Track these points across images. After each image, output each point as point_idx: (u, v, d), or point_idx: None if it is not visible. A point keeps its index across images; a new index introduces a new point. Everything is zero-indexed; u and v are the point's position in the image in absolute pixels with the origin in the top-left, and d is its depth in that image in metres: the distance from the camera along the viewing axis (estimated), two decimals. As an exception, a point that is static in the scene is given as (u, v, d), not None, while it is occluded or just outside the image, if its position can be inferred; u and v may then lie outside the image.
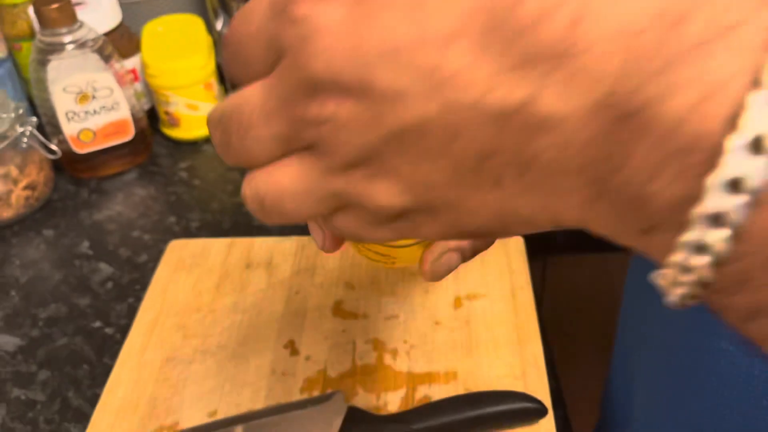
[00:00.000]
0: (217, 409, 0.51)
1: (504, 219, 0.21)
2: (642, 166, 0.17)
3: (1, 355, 0.57)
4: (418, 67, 0.19)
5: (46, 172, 0.72)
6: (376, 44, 0.19)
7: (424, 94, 0.19)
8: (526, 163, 0.19)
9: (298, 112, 0.21)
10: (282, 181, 0.23)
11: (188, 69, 0.75)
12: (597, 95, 0.17)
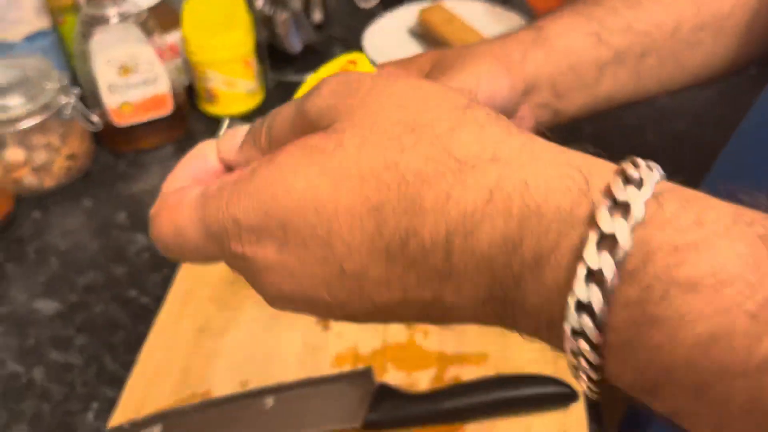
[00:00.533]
0: (249, 380, 0.51)
1: None
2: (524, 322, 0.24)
3: (41, 319, 0.59)
4: (351, 295, 0.26)
5: (86, 144, 0.74)
6: (309, 293, 0.27)
7: (362, 304, 0.26)
8: None
9: None
10: None
11: (227, 45, 0.76)
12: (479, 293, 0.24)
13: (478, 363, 0.51)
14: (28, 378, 0.54)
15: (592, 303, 0.21)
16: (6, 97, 0.67)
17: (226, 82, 0.77)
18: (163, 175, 0.78)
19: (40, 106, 0.68)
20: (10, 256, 0.65)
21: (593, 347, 0.21)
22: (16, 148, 0.69)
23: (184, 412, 0.49)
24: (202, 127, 0.80)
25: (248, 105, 0.81)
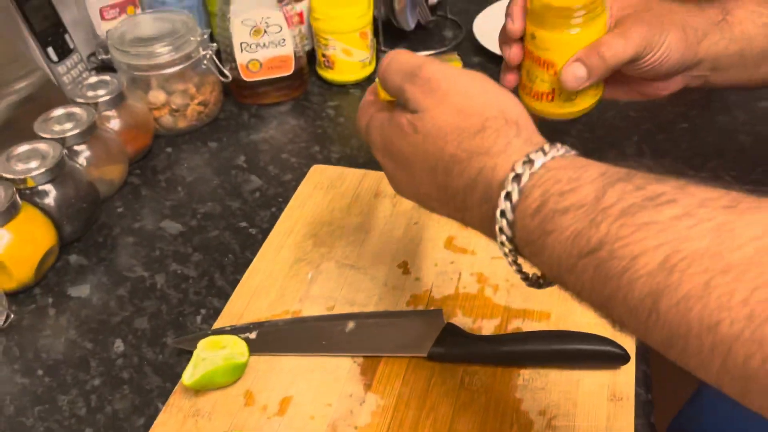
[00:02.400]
0: (335, 306, 0.58)
1: None
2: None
3: (166, 236, 0.69)
4: (428, 199, 0.44)
5: (216, 94, 0.83)
6: (407, 189, 0.45)
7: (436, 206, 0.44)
8: None
9: None
10: None
11: (349, 17, 0.83)
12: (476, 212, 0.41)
13: (540, 319, 0.56)
14: (152, 282, 0.64)
15: (505, 211, 0.37)
16: (155, 45, 0.77)
17: (344, 50, 0.85)
18: (279, 127, 0.87)
19: (182, 55, 0.78)
20: (146, 181, 0.76)
21: (512, 247, 0.38)
22: (158, 91, 0.79)
23: (277, 324, 0.57)
24: (317, 90, 0.88)
25: (361, 74, 0.88)
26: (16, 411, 0.54)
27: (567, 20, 0.51)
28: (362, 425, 0.50)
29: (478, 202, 0.39)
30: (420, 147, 0.41)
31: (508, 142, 0.39)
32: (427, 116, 0.41)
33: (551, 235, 0.34)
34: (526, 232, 0.36)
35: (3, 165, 0.63)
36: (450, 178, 0.40)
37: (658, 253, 0.30)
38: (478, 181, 0.39)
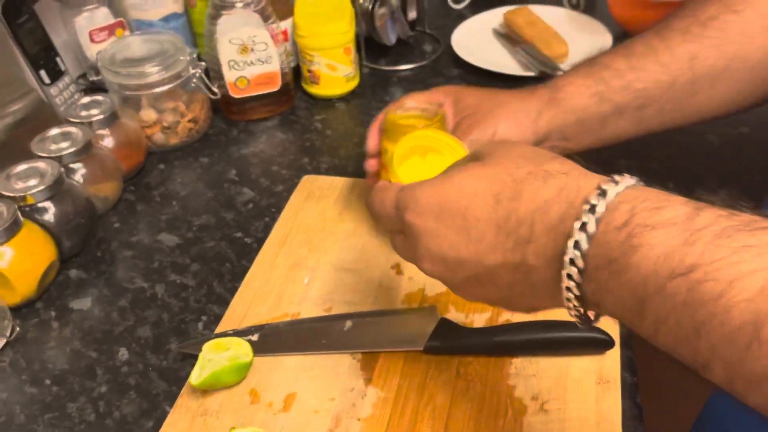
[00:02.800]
0: (332, 307, 0.61)
1: (534, 308, 0.42)
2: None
3: (163, 248, 0.71)
4: (469, 257, 0.40)
5: (206, 111, 0.86)
6: (446, 253, 0.41)
7: (475, 266, 0.40)
8: (530, 287, 0.39)
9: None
10: None
11: (332, 33, 0.86)
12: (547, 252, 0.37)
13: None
14: (152, 292, 0.66)
15: (587, 224, 0.34)
16: (145, 65, 0.79)
17: (328, 65, 0.88)
18: (268, 141, 0.90)
19: (172, 75, 0.80)
20: (140, 197, 0.78)
21: (580, 271, 0.35)
22: (149, 110, 0.81)
23: (277, 326, 0.59)
24: (303, 105, 0.91)
25: (345, 88, 0.91)
26: (26, 419, 0.55)
27: None
28: (365, 417, 0.52)
29: (550, 226, 0.36)
30: (485, 175, 0.40)
31: (585, 170, 0.38)
32: (498, 151, 0.41)
33: (638, 252, 0.32)
34: (608, 248, 0.33)
35: (3, 183, 0.65)
36: (518, 202, 0.38)
37: (756, 277, 0.29)
38: (555, 201, 0.36)
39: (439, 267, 0.42)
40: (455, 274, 0.42)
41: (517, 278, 0.39)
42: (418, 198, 0.42)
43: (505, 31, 1.00)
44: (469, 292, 0.43)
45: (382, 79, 0.96)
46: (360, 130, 0.86)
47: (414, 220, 0.42)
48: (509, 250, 0.38)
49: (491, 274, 0.40)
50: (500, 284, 0.40)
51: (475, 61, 0.93)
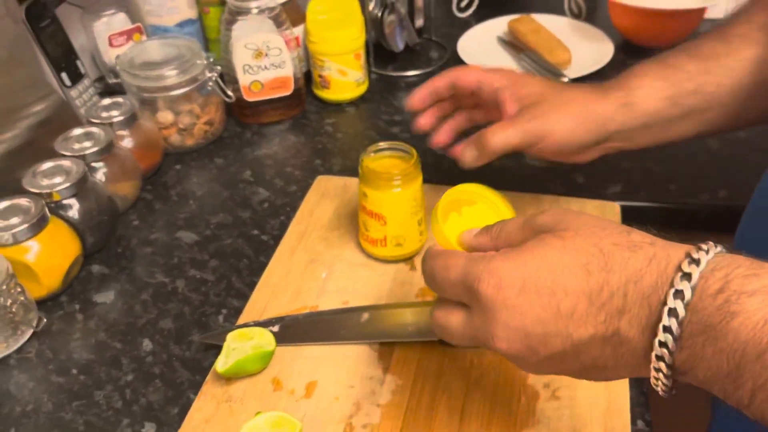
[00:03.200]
0: (349, 300, 0.63)
1: (614, 378, 0.41)
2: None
3: (182, 245, 0.73)
4: (557, 332, 0.39)
5: (221, 114, 0.88)
6: (529, 328, 0.39)
7: (562, 342, 0.39)
8: (619, 357, 0.38)
9: (484, 346, 0.42)
10: None
11: (343, 39, 0.89)
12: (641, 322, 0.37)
13: (538, 305, 0.61)
14: (173, 287, 0.68)
15: (683, 291, 0.35)
16: (163, 68, 0.82)
17: (339, 71, 0.90)
18: (281, 144, 0.92)
19: (188, 78, 0.83)
20: (158, 196, 0.80)
21: (675, 339, 0.35)
22: (166, 112, 0.84)
23: (297, 317, 0.61)
24: (314, 109, 0.94)
25: (355, 93, 0.93)
26: (54, 407, 0.57)
27: (389, 182, 0.62)
28: (384, 403, 0.54)
29: (643, 295, 0.36)
30: (569, 246, 0.39)
31: (666, 240, 0.38)
32: (573, 223, 0.41)
33: (737, 318, 0.32)
34: (704, 314, 0.34)
35: (30, 180, 0.67)
36: (610, 273, 0.37)
37: None
38: (646, 271, 0.36)
39: (519, 345, 0.40)
40: (536, 353, 0.40)
41: (606, 351, 0.38)
42: (495, 269, 0.40)
43: (510, 38, 1.03)
44: (548, 369, 0.41)
45: (390, 84, 0.98)
46: (370, 133, 0.88)
47: (491, 294, 0.39)
48: (601, 322, 0.37)
49: (578, 349, 0.39)
50: (585, 359, 0.39)
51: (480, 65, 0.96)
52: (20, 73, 0.75)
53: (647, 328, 0.36)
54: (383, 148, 0.65)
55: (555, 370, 0.41)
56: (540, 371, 0.42)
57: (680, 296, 0.34)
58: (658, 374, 0.36)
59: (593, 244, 0.39)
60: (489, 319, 0.40)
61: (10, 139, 0.73)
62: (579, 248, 0.39)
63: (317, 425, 0.53)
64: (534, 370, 0.42)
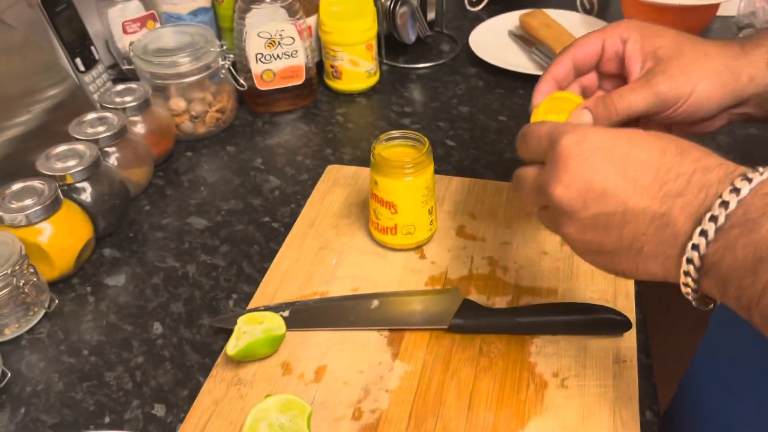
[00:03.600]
0: (359, 287, 0.63)
1: (637, 270, 0.43)
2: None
3: (193, 231, 0.73)
4: (616, 193, 0.41)
5: (232, 102, 0.88)
6: (592, 181, 0.42)
7: (616, 205, 0.41)
8: (655, 243, 0.41)
9: (541, 199, 0.45)
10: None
11: (356, 30, 0.89)
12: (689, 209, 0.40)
13: (548, 296, 0.62)
14: (183, 271, 0.68)
15: (729, 203, 0.38)
16: (176, 55, 0.82)
17: (351, 61, 0.91)
18: (292, 133, 0.93)
19: (201, 65, 0.83)
20: (169, 182, 0.80)
21: (717, 229, 0.38)
22: (179, 99, 0.84)
23: (307, 303, 0.61)
24: (325, 99, 0.94)
25: (367, 84, 0.94)
26: (65, 387, 0.58)
27: (401, 170, 0.62)
28: (393, 388, 0.54)
29: (704, 186, 0.39)
30: (652, 134, 0.42)
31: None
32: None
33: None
34: (749, 208, 0.37)
35: (43, 163, 0.68)
36: (683, 159, 0.40)
37: None
38: (714, 168, 0.40)
39: (575, 194, 0.42)
40: (587, 207, 0.42)
41: (650, 230, 0.41)
42: (582, 129, 0.43)
43: (521, 33, 1.03)
44: (586, 233, 0.43)
45: (401, 76, 0.98)
46: (381, 124, 0.88)
47: (570, 145, 0.42)
48: (659, 198, 0.40)
49: (627, 217, 0.41)
50: (627, 232, 0.41)
51: (492, 61, 0.96)
52: (35, 57, 0.75)
53: (694, 217, 0.39)
54: (395, 137, 0.65)
55: (596, 240, 0.43)
56: (578, 236, 0.43)
57: (736, 193, 0.38)
58: (688, 266, 0.39)
59: (673, 141, 0.42)
60: (559, 166, 0.43)
61: (24, 122, 0.74)
62: (661, 137, 0.42)
63: (326, 409, 0.53)
64: (576, 234, 0.44)
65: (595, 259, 0.45)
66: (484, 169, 0.79)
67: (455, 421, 0.52)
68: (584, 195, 0.42)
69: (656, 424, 0.53)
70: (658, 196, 0.40)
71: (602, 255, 0.44)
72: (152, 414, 0.55)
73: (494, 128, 0.86)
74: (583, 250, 0.45)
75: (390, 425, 0.52)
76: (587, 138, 0.43)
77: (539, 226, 0.69)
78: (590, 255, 0.45)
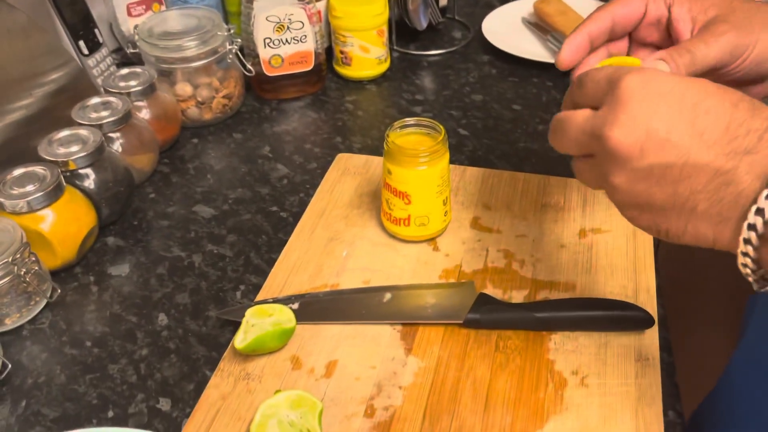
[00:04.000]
0: (371, 280, 0.61)
1: (685, 231, 0.40)
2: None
3: (199, 220, 0.71)
4: (679, 143, 0.38)
5: (239, 88, 0.86)
6: (653, 127, 0.38)
7: (677, 155, 0.38)
8: (713, 202, 0.38)
9: (589, 144, 0.41)
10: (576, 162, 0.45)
11: (367, 15, 0.87)
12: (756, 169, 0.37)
13: (566, 290, 0.59)
14: (189, 261, 0.66)
15: None
16: (182, 39, 0.80)
17: (361, 47, 0.88)
18: (300, 120, 0.91)
19: (208, 50, 0.81)
20: (175, 169, 0.78)
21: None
22: (185, 84, 0.82)
23: (317, 295, 0.59)
24: (334, 86, 0.92)
25: (377, 70, 0.91)
26: (67, 379, 0.56)
27: (415, 159, 0.60)
28: (406, 385, 0.52)
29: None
30: (723, 87, 0.39)
31: None
32: None
33: None
34: None
35: (46, 148, 0.66)
36: (755, 114, 0.38)
37: None
38: None
39: (632, 140, 0.38)
40: (643, 156, 0.38)
41: (709, 187, 0.38)
42: (648, 71, 0.40)
43: (535, 20, 1.01)
44: (637, 185, 0.40)
45: (412, 63, 0.96)
46: (391, 112, 0.86)
47: (633, 85, 0.39)
48: (724, 154, 0.37)
49: (687, 171, 0.38)
50: (682, 189, 0.38)
51: (505, 48, 0.93)
52: (38, 39, 0.73)
53: (762, 178, 0.36)
54: (410, 124, 0.62)
55: (646, 195, 0.39)
56: (627, 187, 0.40)
57: None
58: (749, 233, 0.36)
59: (746, 96, 0.39)
60: (617, 107, 0.39)
61: (26, 106, 0.72)
62: (733, 91, 0.39)
63: (338, 405, 0.51)
64: (623, 183, 0.40)
65: (638, 215, 0.41)
66: (498, 160, 0.77)
67: (471, 419, 0.50)
68: (643, 141, 0.38)
69: (680, 425, 0.51)
70: (724, 151, 0.37)
71: (648, 211, 0.40)
72: (157, 408, 0.53)
73: (508, 117, 0.84)
74: (628, 204, 0.41)
75: (404, 423, 0.50)
76: (654, 81, 0.39)
77: (556, 218, 0.67)
78: (634, 210, 0.41)
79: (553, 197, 0.69)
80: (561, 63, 0.52)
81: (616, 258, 0.62)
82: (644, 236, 0.64)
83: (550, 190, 0.70)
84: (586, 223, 0.66)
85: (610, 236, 0.64)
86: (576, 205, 0.68)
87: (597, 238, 0.64)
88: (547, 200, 0.69)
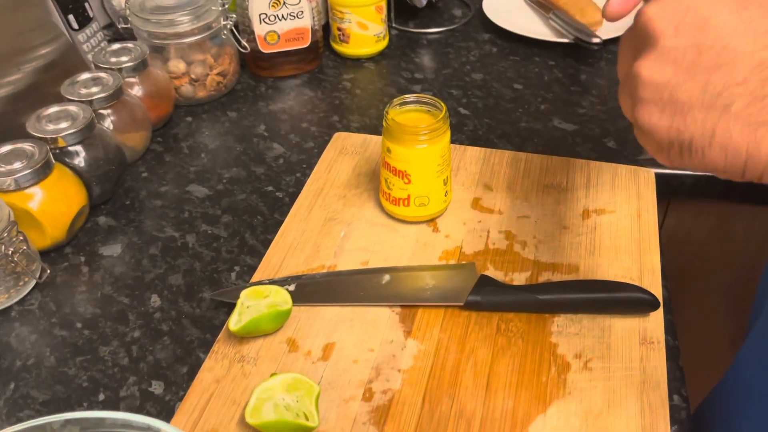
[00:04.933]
0: (369, 261, 0.60)
1: (712, 138, 0.34)
2: None
3: (193, 199, 0.69)
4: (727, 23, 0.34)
5: (234, 65, 0.84)
6: (693, 18, 0.34)
7: (716, 38, 0.34)
8: (754, 99, 0.33)
9: (630, 32, 0.39)
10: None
11: (365, -10, 0.84)
12: None
13: (569, 272, 0.58)
14: (183, 242, 0.65)
15: None
16: (175, 13, 0.78)
17: (360, 24, 0.86)
18: (297, 98, 0.89)
19: (202, 25, 0.79)
20: (168, 148, 0.76)
21: None
22: (178, 61, 0.80)
23: (314, 277, 0.58)
24: (331, 64, 0.89)
25: (375, 48, 0.89)
26: (57, 361, 0.54)
27: (415, 137, 0.58)
28: (406, 368, 0.51)
29: None
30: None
31: None
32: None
33: None
34: None
35: (34, 125, 0.64)
36: None
37: None
38: None
39: (669, 12, 0.35)
40: (677, 34, 0.34)
41: (751, 79, 0.33)
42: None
43: (537, -2, 0.99)
44: (664, 69, 0.35)
45: (411, 41, 0.94)
46: (390, 90, 0.84)
47: (653, 26, 0.35)
48: (761, 33, 0.33)
49: (723, 57, 0.34)
50: (715, 79, 0.34)
51: (507, 26, 0.91)
52: (26, 13, 0.71)
53: None
54: (410, 101, 0.61)
55: (668, 81, 0.35)
56: (651, 72, 0.36)
57: None
58: None
59: None
60: (643, 54, 0.36)
61: (14, 81, 0.70)
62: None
63: (335, 389, 0.50)
64: (649, 65, 0.36)
65: (657, 117, 0.36)
66: (500, 139, 0.75)
67: (472, 403, 0.49)
68: (680, 18, 0.34)
69: (685, 409, 0.50)
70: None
71: (670, 110, 0.35)
72: (149, 391, 0.52)
73: (509, 97, 0.82)
74: (649, 98, 0.36)
75: (403, 407, 0.49)
76: None
77: (559, 199, 0.65)
78: (653, 107, 0.36)
79: (555, 178, 0.68)
80: (609, 13, 0.44)
81: (621, 239, 0.61)
82: (649, 217, 0.63)
83: (552, 171, 0.68)
84: (590, 204, 0.64)
85: (614, 217, 0.63)
86: (579, 186, 0.66)
87: (601, 219, 0.63)
88: (550, 181, 0.67)
